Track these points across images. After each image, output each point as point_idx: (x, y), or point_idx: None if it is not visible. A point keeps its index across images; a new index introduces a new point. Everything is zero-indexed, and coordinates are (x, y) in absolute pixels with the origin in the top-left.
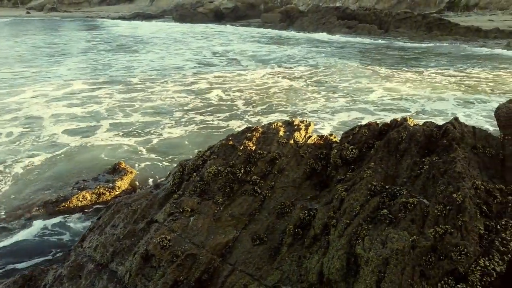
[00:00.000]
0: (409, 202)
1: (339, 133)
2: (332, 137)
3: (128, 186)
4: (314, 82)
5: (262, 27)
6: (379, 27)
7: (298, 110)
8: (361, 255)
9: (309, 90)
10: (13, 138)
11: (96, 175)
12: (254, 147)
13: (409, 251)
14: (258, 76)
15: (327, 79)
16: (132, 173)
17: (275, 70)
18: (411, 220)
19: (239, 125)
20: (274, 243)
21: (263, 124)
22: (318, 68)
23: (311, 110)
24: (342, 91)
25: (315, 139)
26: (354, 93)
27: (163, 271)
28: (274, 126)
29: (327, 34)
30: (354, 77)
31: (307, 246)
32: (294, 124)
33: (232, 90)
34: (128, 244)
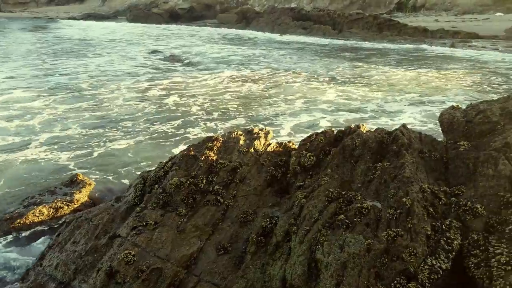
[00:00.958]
0: (363, 207)
1: (298, 135)
2: (290, 144)
3: (87, 199)
4: (273, 85)
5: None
6: (333, 27)
7: (257, 115)
8: (321, 260)
9: (267, 93)
10: None
11: (53, 188)
12: (216, 156)
13: (364, 254)
14: (217, 80)
15: (285, 81)
16: (90, 185)
17: (235, 73)
18: (366, 224)
19: (197, 133)
20: (238, 252)
21: (221, 131)
22: (277, 70)
23: (270, 114)
24: (299, 93)
25: (275, 147)
26: (311, 95)
27: (129, 287)
28: (234, 135)
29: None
30: (311, 79)
31: (270, 254)
32: (254, 132)
33: (189, 96)
34: (90, 260)
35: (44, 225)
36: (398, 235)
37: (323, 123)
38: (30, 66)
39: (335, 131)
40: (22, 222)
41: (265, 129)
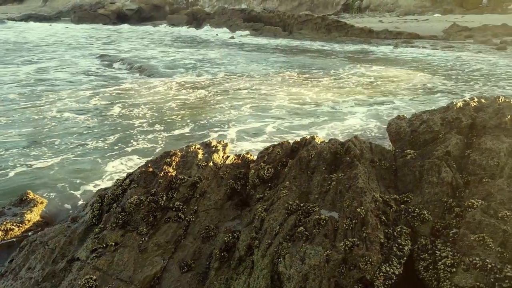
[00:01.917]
0: (321, 218)
1: (242, 142)
2: (248, 155)
3: (39, 218)
4: (223, 90)
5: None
6: (283, 29)
7: (203, 124)
8: (283, 273)
9: (217, 99)
10: None
11: (1, 209)
12: (175, 172)
13: (324, 265)
14: (167, 87)
15: (236, 86)
16: (42, 203)
17: (186, 78)
18: (324, 235)
19: (137, 147)
20: (202, 268)
21: (163, 144)
22: (228, 74)
23: (217, 122)
24: (249, 98)
25: (233, 159)
26: (261, 99)
27: None
28: (192, 149)
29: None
30: (263, 82)
31: (233, 268)
32: (212, 145)
33: (135, 106)
34: (49, 287)
35: None
36: (354, 244)
37: (269, 129)
38: None
39: (291, 143)
40: None
41: (222, 141)
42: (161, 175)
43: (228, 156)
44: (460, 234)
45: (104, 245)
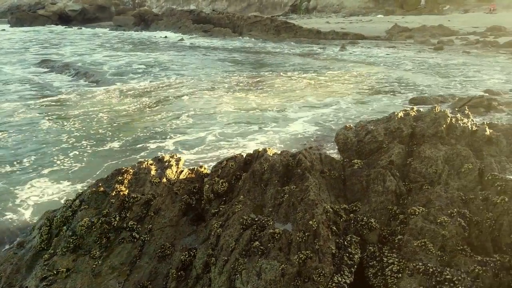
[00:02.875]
0: (275, 232)
1: (190, 151)
2: (202, 169)
3: None
4: (167, 98)
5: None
6: (233, 30)
7: (146, 136)
8: None
9: (159, 107)
10: None
11: None
12: (127, 190)
13: (280, 279)
14: (109, 96)
15: (181, 92)
16: None
17: (131, 85)
18: (279, 248)
19: (69, 167)
20: None
21: (98, 160)
22: (175, 79)
23: (161, 132)
24: (194, 104)
25: (187, 173)
26: (207, 105)
27: None
28: (145, 166)
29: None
30: (210, 87)
31: (191, 287)
32: (165, 160)
33: (67, 118)
34: None
35: None
36: (308, 257)
37: (210, 138)
38: None
39: (244, 155)
40: None
41: (175, 155)
42: (113, 194)
43: (182, 171)
44: (405, 241)
45: (55, 271)
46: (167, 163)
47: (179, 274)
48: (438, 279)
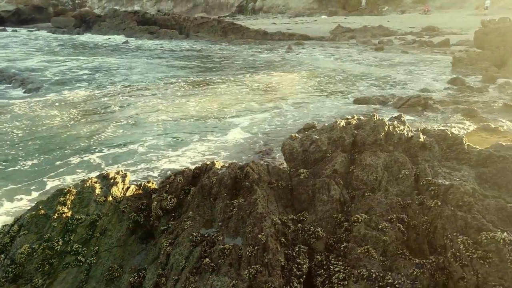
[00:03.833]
0: (225, 247)
1: (118, 165)
2: (150, 184)
3: None
4: (102, 107)
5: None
6: (180, 32)
7: (69, 151)
8: None
9: (91, 119)
10: None
11: None
12: (70, 212)
13: None
14: (39, 106)
15: (120, 99)
16: None
17: (70, 94)
18: (229, 264)
19: None
20: None
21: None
22: (116, 85)
23: (86, 147)
24: (130, 113)
25: (134, 190)
26: (143, 113)
27: None
28: (88, 184)
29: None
30: (151, 95)
31: None
32: (110, 177)
33: None
34: None
35: None
36: (258, 271)
37: (141, 150)
38: None
39: (193, 169)
40: None
41: (121, 171)
42: (54, 217)
43: (128, 187)
44: (349, 248)
45: None
46: (112, 180)
47: None
48: (380, 284)
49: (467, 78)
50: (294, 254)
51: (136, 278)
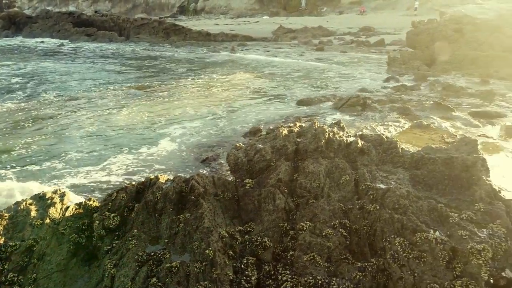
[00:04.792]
0: (172, 266)
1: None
2: (91, 202)
3: None
4: (28, 119)
5: None
6: (119, 33)
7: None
8: None
9: (8, 135)
10: None
11: None
12: (3, 239)
13: None
14: None
15: (47, 112)
16: None
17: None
18: (177, 282)
19: None
20: None
21: None
22: (48, 95)
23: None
24: (53, 127)
25: (74, 209)
26: (65, 127)
27: None
28: (23, 207)
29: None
30: (81, 104)
31: None
32: (47, 197)
33: None
34: None
35: None
36: None
37: (59, 166)
38: None
39: (136, 185)
40: None
41: (59, 190)
42: None
43: (68, 207)
44: (296, 256)
45: None
46: (49, 201)
47: None
48: None
49: (401, 77)
50: (243, 267)
51: None
